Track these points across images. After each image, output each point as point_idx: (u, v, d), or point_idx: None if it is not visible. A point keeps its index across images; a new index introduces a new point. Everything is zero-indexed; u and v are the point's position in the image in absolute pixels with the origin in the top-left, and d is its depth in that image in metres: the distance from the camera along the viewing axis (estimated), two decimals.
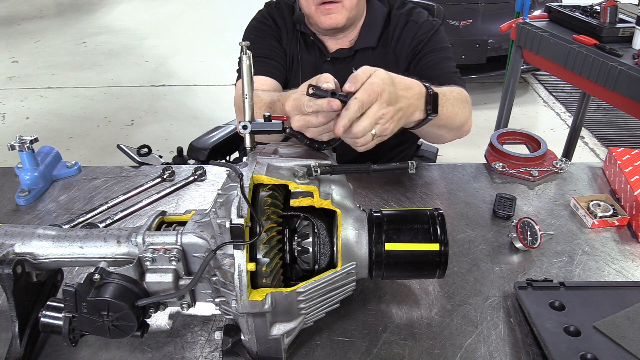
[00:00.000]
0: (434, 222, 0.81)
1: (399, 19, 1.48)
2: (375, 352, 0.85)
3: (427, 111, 0.99)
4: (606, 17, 2.19)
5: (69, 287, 0.72)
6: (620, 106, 2.06)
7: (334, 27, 1.39)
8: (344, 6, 1.36)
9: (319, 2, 1.34)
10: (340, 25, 1.39)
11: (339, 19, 1.37)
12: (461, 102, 1.20)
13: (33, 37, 6.40)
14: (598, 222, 1.15)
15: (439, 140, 1.31)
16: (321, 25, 1.39)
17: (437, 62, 1.41)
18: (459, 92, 1.21)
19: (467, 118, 1.24)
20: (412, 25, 1.46)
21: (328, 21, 1.37)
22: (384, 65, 1.49)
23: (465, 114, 1.23)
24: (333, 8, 1.35)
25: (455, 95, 1.18)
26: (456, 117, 1.17)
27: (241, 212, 0.70)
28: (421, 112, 0.99)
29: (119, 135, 3.96)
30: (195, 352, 0.86)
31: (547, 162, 1.38)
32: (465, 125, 1.25)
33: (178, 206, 1.24)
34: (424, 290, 0.98)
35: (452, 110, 1.14)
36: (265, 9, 1.57)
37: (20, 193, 1.27)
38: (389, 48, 1.47)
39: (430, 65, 1.40)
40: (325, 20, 1.37)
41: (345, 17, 1.38)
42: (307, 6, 1.38)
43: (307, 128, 0.85)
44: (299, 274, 0.81)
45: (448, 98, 1.12)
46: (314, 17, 1.38)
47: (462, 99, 1.22)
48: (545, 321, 0.86)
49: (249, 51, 0.82)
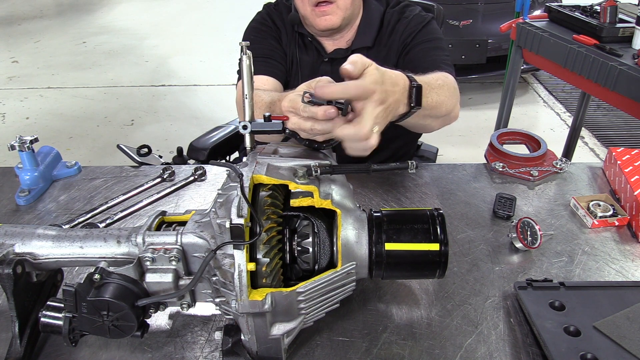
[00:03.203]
0: (434, 222, 0.81)
1: (391, 17, 1.49)
2: (375, 352, 0.85)
3: (409, 104, 0.96)
4: (606, 17, 2.18)
5: (69, 287, 0.72)
6: (620, 106, 2.06)
7: (329, 28, 1.41)
8: (338, 7, 1.37)
9: (314, 3, 1.36)
10: (336, 26, 1.40)
11: (334, 20, 1.38)
12: (447, 89, 1.16)
13: (33, 37, 6.40)
14: (598, 222, 1.15)
15: (426, 129, 1.28)
16: (317, 27, 1.40)
17: (426, 51, 1.40)
18: (444, 79, 1.18)
19: (453, 105, 1.21)
20: (403, 21, 1.47)
21: (323, 22, 1.38)
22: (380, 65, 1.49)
23: (452, 102, 1.19)
24: (328, 9, 1.37)
25: (440, 83, 1.14)
26: (442, 106, 1.14)
27: (241, 212, 0.70)
28: (405, 106, 0.96)
29: (119, 135, 3.96)
30: (195, 352, 0.86)
31: (547, 162, 1.38)
32: (452, 112, 1.21)
33: (178, 206, 1.24)
34: (424, 290, 0.98)
35: (436, 99, 1.11)
36: (264, 10, 1.57)
37: (20, 193, 1.27)
38: (387, 49, 1.48)
39: (419, 56, 1.39)
40: (320, 22, 1.38)
41: (341, 18, 1.39)
42: (303, 7, 1.39)
43: (300, 130, 0.86)
44: (299, 274, 0.81)
45: (433, 87, 1.10)
46: (310, 18, 1.40)
47: (448, 86, 1.18)
48: (545, 321, 0.86)
49: (249, 51, 0.82)
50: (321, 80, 0.86)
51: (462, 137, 3.77)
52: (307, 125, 0.83)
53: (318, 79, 0.88)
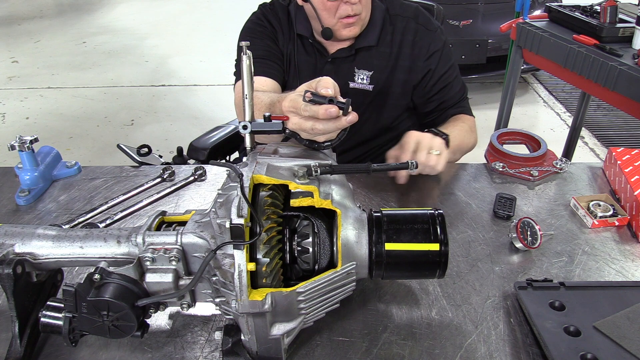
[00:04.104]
0: (434, 222, 0.81)
1: (407, 23, 1.49)
2: (375, 352, 0.85)
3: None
4: (606, 17, 2.18)
5: (69, 287, 0.72)
6: (620, 106, 2.06)
7: (351, 37, 1.45)
8: (361, 18, 1.42)
9: (343, 17, 1.39)
10: (357, 35, 1.45)
11: (357, 30, 1.44)
12: (470, 132, 1.49)
13: (33, 37, 6.40)
14: (598, 222, 1.15)
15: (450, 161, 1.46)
16: (340, 37, 1.44)
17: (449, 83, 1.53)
18: (468, 125, 1.50)
19: (473, 143, 1.53)
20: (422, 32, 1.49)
21: (348, 33, 1.43)
22: (384, 64, 1.50)
23: (472, 141, 1.51)
24: (354, 21, 1.41)
25: (465, 131, 1.47)
26: (464, 147, 1.47)
27: (241, 212, 0.70)
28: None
29: (119, 135, 3.95)
30: (195, 352, 0.86)
31: (547, 162, 1.38)
32: (472, 147, 1.53)
33: (178, 206, 1.24)
34: (424, 290, 0.98)
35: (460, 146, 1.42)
36: (259, 10, 1.57)
37: (20, 193, 1.27)
38: (392, 49, 1.48)
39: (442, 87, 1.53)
40: (345, 32, 1.43)
41: (361, 27, 1.45)
42: (329, 19, 1.41)
43: (301, 130, 0.86)
44: (299, 274, 0.81)
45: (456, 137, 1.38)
46: (334, 29, 1.43)
47: (470, 129, 1.50)
48: (545, 321, 0.86)
49: (249, 51, 0.82)
50: (322, 79, 0.87)
51: None
52: (308, 125, 0.84)
53: (319, 78, 0.88)
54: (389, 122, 1.56)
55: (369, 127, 1.55)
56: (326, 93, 0.82)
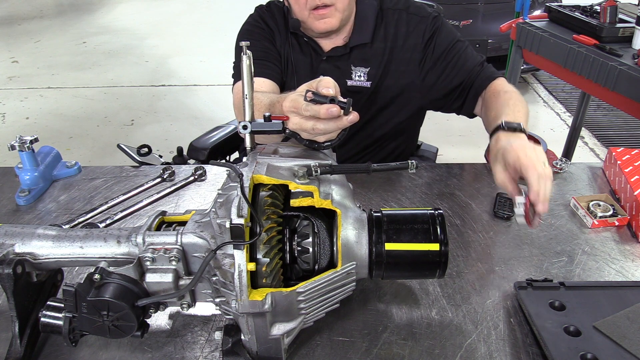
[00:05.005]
0: (434, 222, 0.81)
1: (399, 15, 1.48)
2: (375, 352, 0.85)
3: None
4: (606, 17, 2.18)
5: (69, 287, 0.72)
6: (620, 106, 2.06)
7: (328, 31, 1.41)
8: (336, 9, 1.37)
9: (312, 7, 1.35)
10: (335, 28, 1.41)
11: (333, 22, 1.38)
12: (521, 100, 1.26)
13: (33, 37, 6.40)
14: (598, 222, 1.15)
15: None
16: (316, 30, 1.40)
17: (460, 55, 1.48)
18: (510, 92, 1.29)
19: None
20: (415, 22, 1.47)
21: (322, 25, 1.38)
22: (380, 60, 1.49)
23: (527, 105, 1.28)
24: (326, 12, 1.36)
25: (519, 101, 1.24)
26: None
27: (241, 212, 0.70)
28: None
29: (119, 135, 3.95)
30: (195, 352, 0.86)
31: (547, 162, 1.38)
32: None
33: (178, 206, 1.24)
34: (424, 290, 0.98)
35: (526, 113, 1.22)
36: (256, 12, 1.57)
37: (20, 193, 1.27)
38: (387, 44, 1.48)
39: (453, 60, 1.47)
40: (319, 25, 1.38)
41: (339, 20, 1.39)
42: (300, 12, 1.39)
43: (302, 130, 0.86)
44: (299, 274, 0.81)
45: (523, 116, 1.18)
46: (308, 22, 1.40)
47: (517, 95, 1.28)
48: (545, 321, 0.86)
49: (249, 51, 0.82)
50: (323, 79, 0.87)
51: (462, 137, 3.77)
52: (309, 124, 0.83)
53: (320, 78, 0.88)
54: (389, 118, 1.55)
55: (369, 125, 1.55)
56: (327, 93, 0.82)
